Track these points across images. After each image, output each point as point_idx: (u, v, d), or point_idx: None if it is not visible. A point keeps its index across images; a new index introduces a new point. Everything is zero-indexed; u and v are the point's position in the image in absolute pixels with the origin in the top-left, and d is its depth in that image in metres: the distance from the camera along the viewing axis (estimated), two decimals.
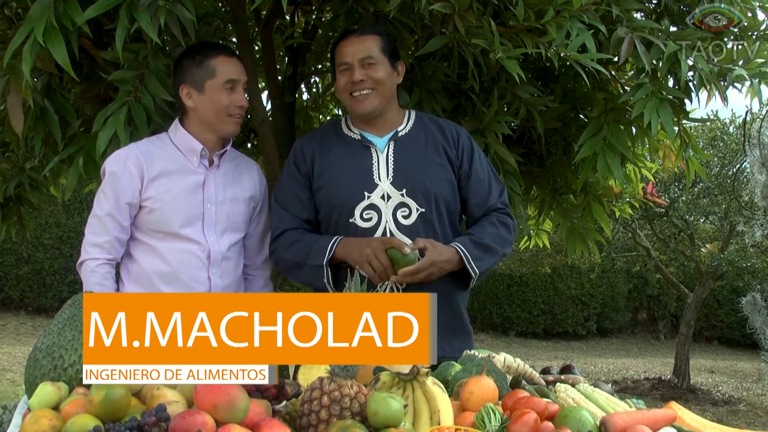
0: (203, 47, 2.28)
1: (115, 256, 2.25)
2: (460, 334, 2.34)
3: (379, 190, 2.26)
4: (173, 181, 2.24)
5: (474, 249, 2.23)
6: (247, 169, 2.43)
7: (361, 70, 2.23)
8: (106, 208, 2.22)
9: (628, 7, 2.51)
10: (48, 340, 1.66)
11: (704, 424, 1.86)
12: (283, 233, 2.30)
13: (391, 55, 2.29)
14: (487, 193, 2.36)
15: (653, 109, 2.44)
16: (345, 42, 2.28)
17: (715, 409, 8.15)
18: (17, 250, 10.07)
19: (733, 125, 10.12)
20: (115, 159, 2.24)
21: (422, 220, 2.26)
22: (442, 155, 2.32)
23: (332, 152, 2.32)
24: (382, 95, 2.27)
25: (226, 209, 2.31)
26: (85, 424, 1.40)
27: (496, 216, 2.35)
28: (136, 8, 2.09)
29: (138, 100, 2.35)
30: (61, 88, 2.61)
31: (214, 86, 2.23)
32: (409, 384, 1.64)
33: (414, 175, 2.27)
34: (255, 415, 1.49)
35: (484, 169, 2.38)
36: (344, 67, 2.26)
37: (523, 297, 13.60)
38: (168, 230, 2.23)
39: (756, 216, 6.84)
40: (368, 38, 2.27)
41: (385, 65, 2.27)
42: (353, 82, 2.24)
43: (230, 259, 2.33)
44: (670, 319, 15.25)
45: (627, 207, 3.80)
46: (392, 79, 2.30)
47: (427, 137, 2.34)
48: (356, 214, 2.25)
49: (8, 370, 7.35)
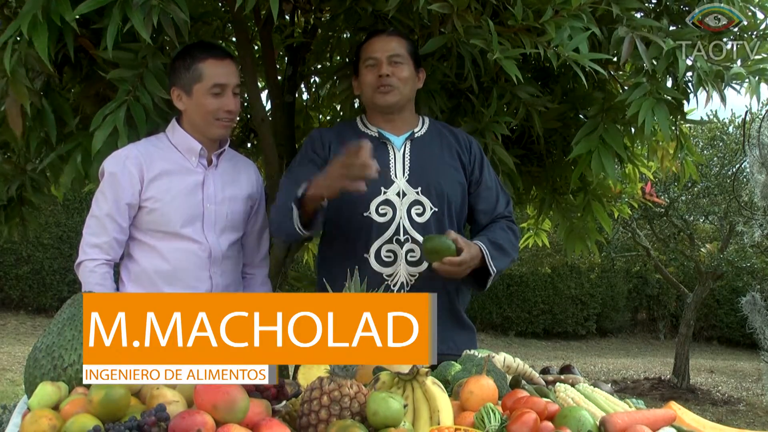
0: (194, 49, 2.25)
1: (113, 257, 2.24)
2: (463, 330, 2.38)
3: (395, 187, 2.29)
4: (173, 181, 2.24)
5: (492, 248, 2.26)
6: (245, 169, 2.44)
7: (388, 67, 2.28)
8: (105, 209, 2.21)
9: (628, 6, 2.51)
10: (48, 339, 1.66)
11: (704, 424, 1.86)
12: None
13: (415, 59, 2.35)
14: (495, 201, 2.41)
15: (649, 109, 2.44)
16: (375, 39, 2.33)
17: (715, 409, 8.15)
18: (17, 249, 10.06)
19: (732, 125, 10.11)
20: (114, 160, 2.23)
21: (435, 219, 2.29)
22: (455, 159, 2.37)
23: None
24: (404, 94, 2.32)
25: (225, 208, 2.31)
26: (85, 424, 1.40)
27: (504, 222, 2.39)
28: (129, 6, 2.08)
29: (137, 99, 2.35)
30: (59, 88, 2.61)
31: (201, 91, 2.21)
32: (408, 384, 1.65)
33: (429, 175, 2.31)
34: (255, 415, 1.49)
35: (492, 179, 2.44)
36: (372, 62, 2.30)
37: (523, 297, 13.60)
38: (168, 230, 2.23)
39: (755, 216, 6.84)
40: (397, 39, 2.33)
41: (410, 67, 2.33)
42: (380, 76, 2.28)
43: (230, 258, 2.34)
44: (670, 319, 15.25)
45: (626, 207, 3.81)
46: (414, 82, 2.36)
47: (441, 140, 2.39)
48: (372, 208, 2.27)
49: (8, 370, 7.35)
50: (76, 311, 1.68)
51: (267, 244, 2.54)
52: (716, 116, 10.14)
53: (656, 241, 10.55)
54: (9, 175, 3.06)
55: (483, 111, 2.76)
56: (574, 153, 2.66)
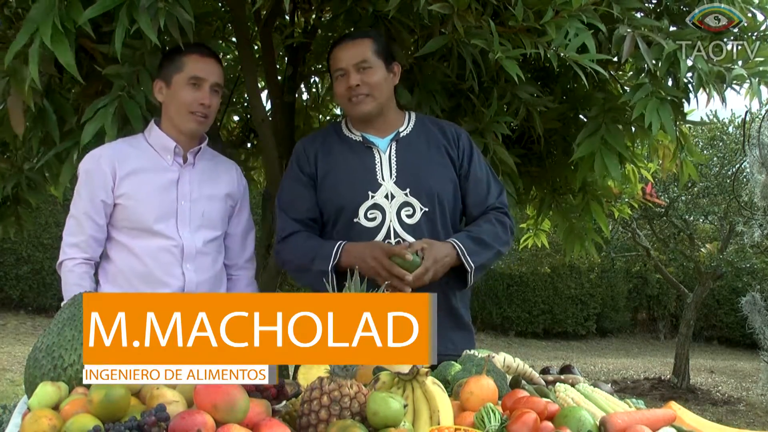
0: (183, 46, 2.27)
1: (91, 255, 2.27)
2: (461, 330, 2.35)
3: (383, 190, 2.27)
4: (147, 177, 2.27)
5: (470, 243, 2.23)
6: (225, 169, 2.44)
7: (356, 75, 2.25)
8: (81, 208, 2.25)
9: (628, 6, 2.51)
10: (48, 339, 1.66)
11: (704, 424, 1.86)
12: (289, 236, 2.30)
13: (385, 57, 2.30)
14: (485, 192, 2.37)
15: (654, 110, 2.44)
16: (339, 48, 2.29)
17: (715, 409, 8.15)
18: (17, 249, 10.07)
19: (732, 125, 10.12)
20: (89, 158, 2.27)
21: (426, 220, 2.27)
22: (444, 155, 2.34)
23: (334, 153, 2.33)
24: (379, 98, 2.28)
25: (200, 206, 2.32)
26: (85, 424, 1.40)
27: (493, 214, 2.35)
28: (136, 9, 2.09)
29: (131, 96, 2.36)
30: (60, 88, 2.61)
31: (179, 81, 2.24)
32: (408, 384, 1.65)
33: (417, 175, 2.28)
34: (255, 415, 1.49)
35: (482, 170, 2.39)
36: (340, 72, 2.27)
37: (523, 297, 13.60)
38: (142, 227, 2.25)
39: (755, 216, 6.84)
40: (361, 42, 2.27)
41: (381, 68, 2.28)
42: (350, 87, 2.25)
43: (206, 254, 2.34)
44: (670, 319, 15.26)
45: (626, 207, 3.81)
46: (389, 81, 2.31)
47: (428, 138, 2.35)
48: (360, 214, 2.25)
49: (8, 370, 7.35)
50: (76, 311, 1.68)
51: (252, 246, 2.52)
52: (716, 116, 10.15)
53: (656, 241, 10.56)
54: (5, 174, 3.07)
55: (483, 111, 2.76)
56: (577, 155, 2.66)
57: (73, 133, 2.56)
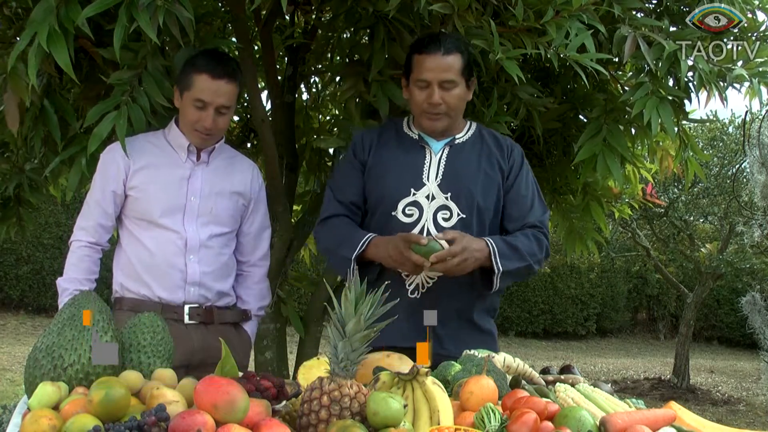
0: (201, 58, 2.31)
1: (98, 240, 2.37)
2: (481, 335, 2.34)
3: (425, 190, 2.30)
4: (159, 173, 2.36)
5: (504, 247, 2.23)
6: (241, 168, 2.50)
7: (439, 91, 2.24)
8: (93, 195, 2.37)
9: (629, 6, 2.51)
10: (48, 339, 1.66)
11: (704, 424, 1.86)
12: (328, 219, 2.37)
13: (468, 74, 2.29)
14: (527, 209, 2.35)
15: (653, 108, 2.44)
16: (428, 57, 2.24)
17: (715, 409, 8.15)
18: (17, 249, 10.05)
19: (732, 125, 10.11)
20: (108, 150, 2.38)
21: (462, 226, 2.26)
22: (494, 167, 2.35)
23: (388, 146, 2.38)
24: (454, 117, 2.32)
25: (210, 203, 2.39)
26: (85, 424, 1.40)
27: (531, 231, 2.34)
28: (135, 8, 2.09)
29: (134, 100, 2.36)
30: (60, 89, 2.61)
31: (187, 98, 2.31)
32: (408, 384, 1.65)
33: (461, 181, 2.30)
34: (255, 415, 1.49)
35: (529, 187, 2.39)
36: (423, 84, 2.26)
37: (523, 297, 13.59)
38: (149, 219, 2.34)
39: (755, 216, 6.84)
40: (452, 58, 2.23)
41: (462, 86, 2.28)
42: (430, 103, 2.26)
43: (211, 248, 2.39)
44: (670, 319, 15.24)
45: (626, 207, 3.81)
46: (464, 98, 2.32)
47: (482, 148, 2.37)
48: (399, 208, 2.29)
49: (8, 370, 7.35)
50: (76, 311, 1.68)
51: (266, 244, 2.58)
52: (716, 116, 10.15)
53: (656, 241, 10.55)
54: (7, 175, 3.07)
55: (483, 111, 2.76)
56: (580, 157, 2.66)
57: (78, 137, 2.58)
